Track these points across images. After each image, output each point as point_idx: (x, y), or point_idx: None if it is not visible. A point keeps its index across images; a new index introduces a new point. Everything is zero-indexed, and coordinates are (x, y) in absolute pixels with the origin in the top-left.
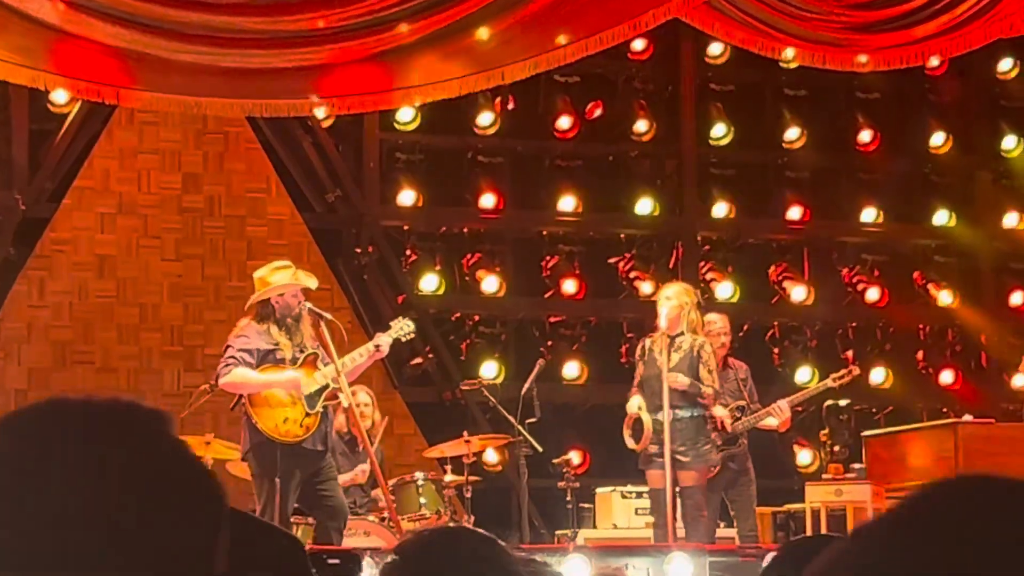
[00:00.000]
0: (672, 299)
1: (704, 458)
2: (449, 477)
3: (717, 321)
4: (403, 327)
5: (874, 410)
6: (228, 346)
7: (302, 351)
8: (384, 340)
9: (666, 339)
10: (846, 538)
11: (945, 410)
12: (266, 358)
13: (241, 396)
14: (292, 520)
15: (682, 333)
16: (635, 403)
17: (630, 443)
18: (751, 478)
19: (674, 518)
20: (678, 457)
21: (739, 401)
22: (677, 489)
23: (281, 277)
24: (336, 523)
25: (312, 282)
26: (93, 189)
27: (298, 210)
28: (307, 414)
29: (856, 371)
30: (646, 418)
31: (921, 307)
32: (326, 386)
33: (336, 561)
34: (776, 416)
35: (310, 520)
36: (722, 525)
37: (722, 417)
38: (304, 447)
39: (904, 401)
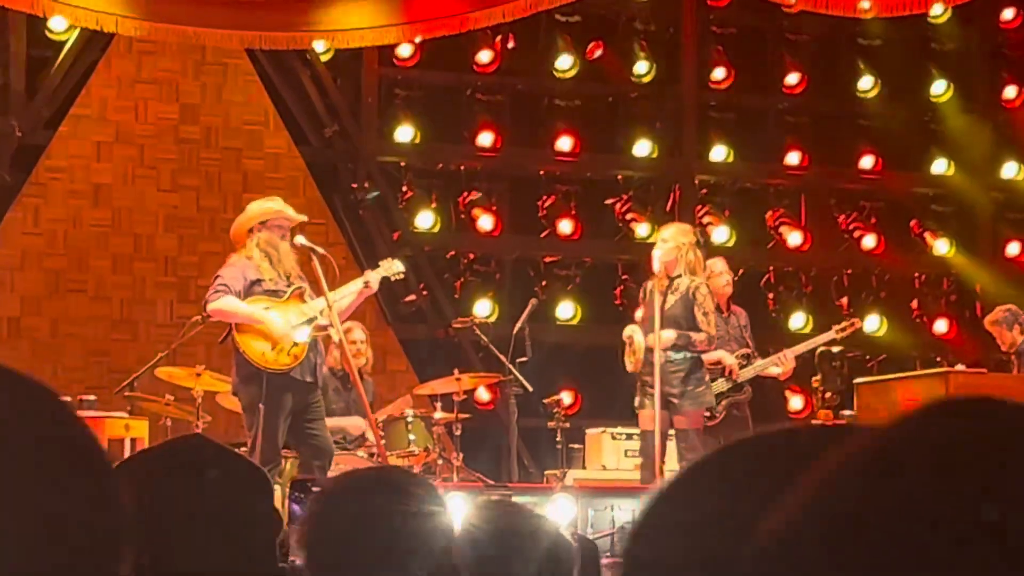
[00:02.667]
0: (668, 241)
1: (698, 400)
2: (439, 414)
3: (718, 264)
4: (392, 267)
5: (867, 357)
6: (217, 276)
7: (289, 285)
8: (373, 277)
9: (665, 281)
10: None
11: (938, 359)
12: (252, 288)
13: (230, 327)
14: (281, 454)
15: (680, 275)
16: (630, 328)
17: (628, 366)
18: (749, 425)
19: (662, 460)
20: (671, 399)
21: (744, 348)
22: (672, 432)
23: (264, 205)
24: (320, 462)
25: (299, 217)
26: (90, 117)
27: (295, 144)
28: (295, 343)
29: (859, 323)
30: (639, 339)
31: (917, 255)
32: (314, 317)
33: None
34: (781, 365)
35: (294, 455)
36: None
37: (731, 365)
38: (292, 376)
39: (897, 349)
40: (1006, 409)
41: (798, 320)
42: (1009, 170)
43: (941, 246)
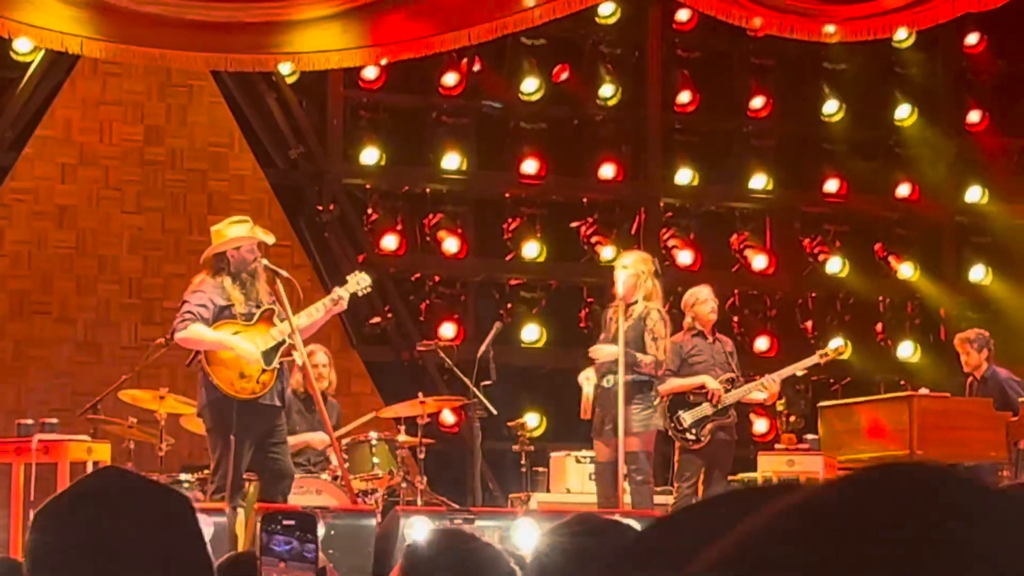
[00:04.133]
0: (628, 267)
1: (645, 423)
2: (403, 437)
3: (703, 291)
4: (360, 281)
5: (831, 380)
6: (184, 301)
7: (258, 307)
8: (342, 293)
9: (623, 307)
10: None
11: (902, 382)
12: (222, 314)
13: (197, 352)
14: (244, 477)
15: (636, 302)
16: (584, 374)
17: (582, 413)
18: (734, 448)
19: (623, 485)
20: (618, 422)
21: (728, 374)
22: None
23: (237, 230)
24: (281, 486)
25: (269, 238)
26: (54, 139)
27: (260, 166)
28: (264, 370)
29: (844, 351)
30: (586, 388)
31: (881, 279)
32: (283, 342)
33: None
34: (766, 390)
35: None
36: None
37: (714, 389)
38: (261, 403)
39: (862, 372)
40: (934, 479)
41: (763, 343)
42: (973, 194)
43: (905, 270)
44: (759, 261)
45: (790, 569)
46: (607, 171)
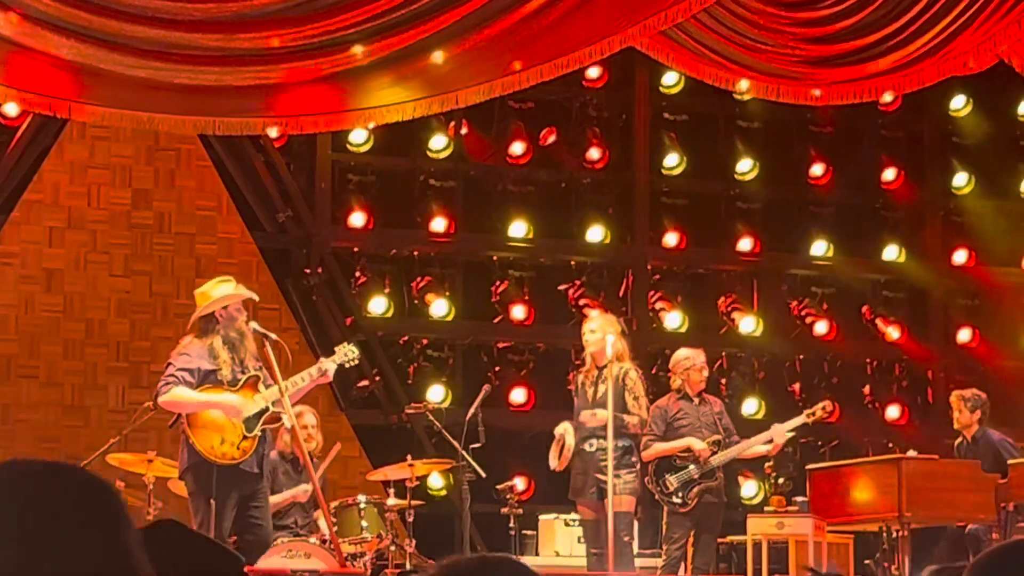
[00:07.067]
0: (596, 332)
1: (629, 487)
2: (392, 501)
3: (692, 355)
4: (347, 353)
5: (819, 443)
6: (169, 364)
7: (244, 371)
8: (329, 365)
9: (594, 372)
10: None
11: (890, 445)
12: (207, 378)
13: (180, 415)
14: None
15: (607, 365)
16: (563, 426)
17: (553, 463)
18: (722, 510)
19: (613, 547)
20: (602, 487)
21: (715, 435)
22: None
23: (223, 290)
24: (260, 551)
25: (253, 295)
26: (42, 203)
27: (248, 229)
28: (245, 437)
29: (831, 408)
30: (569, 441)
31: (869, 341)
32: (266, 409)
33: None
34: (776, 438)
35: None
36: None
37: (700, 451)
38: (241, 468)
39: (849, 435)
40: None
41: (751, 406)
42: (960, 256)
43: (893, 332)
44: (746, 323)
45: None
46: (594, 234)
